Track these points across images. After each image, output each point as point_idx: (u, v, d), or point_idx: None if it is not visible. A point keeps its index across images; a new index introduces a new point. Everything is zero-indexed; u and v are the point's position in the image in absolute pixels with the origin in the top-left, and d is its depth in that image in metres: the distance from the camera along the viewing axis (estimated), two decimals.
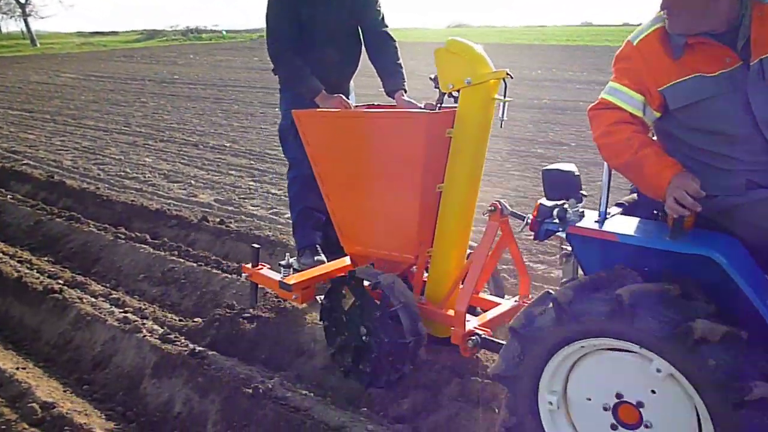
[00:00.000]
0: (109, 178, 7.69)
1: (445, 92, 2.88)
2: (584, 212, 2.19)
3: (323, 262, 3.73)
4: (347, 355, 3.03)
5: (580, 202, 2.21)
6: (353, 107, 3.56)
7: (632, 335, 1.85)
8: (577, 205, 2.19)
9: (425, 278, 3.09)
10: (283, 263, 3.44)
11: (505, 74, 2.76)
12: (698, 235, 1.93)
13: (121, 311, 3.87)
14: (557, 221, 2.19)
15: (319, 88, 3.55)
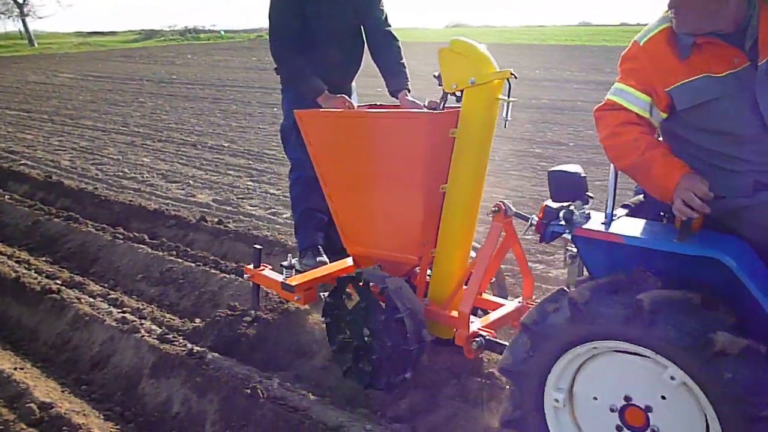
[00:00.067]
0: (107, 178, 7.68)
1: (448, 92, 2.85)
2: (590, 214, 2.18)
3: (325, 263, 3.71)
4: (348, 353, 3.02)
5: (586, 203, 2.20)
6: (355, 107, 3.53)
7: (649, 341, 1.84)
8: (583, 206, 2.18)
9: (428, 279, 3.07)
10: (285, 264, 3.43)
11: (509, 74, 2.74)
12: (706, 236, 1.92)
13: (119, 311, 3.87)
14: (563, 223, 2.16)
15: (321, 87, 3.53)
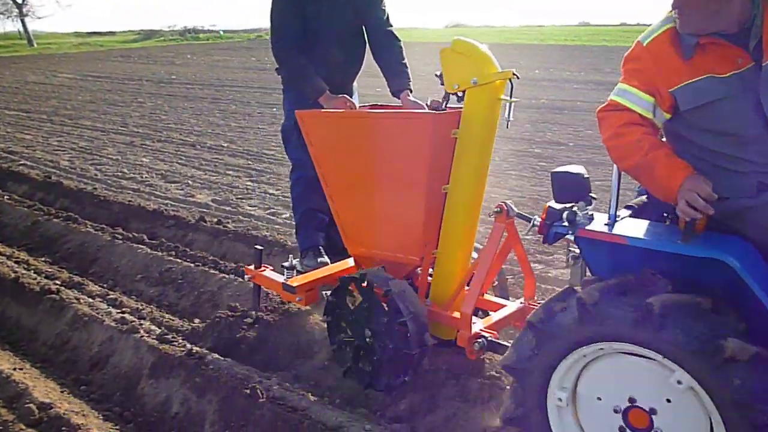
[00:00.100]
0: (106, 178, 7.68)
1: (450, 92, 2.84)
2: (593, 215, 2.17)
3: (326, 263, 3.71)
4: (348, 352, 3.01)
5: (589, 204, 2.19)
6: (357, 107, 3.52)
7: (658, 345, 1.83)
8: (586, 207, 2.17)
9: (430, 280, 3.06)
10: (286, 265, 3.42)
11: (511, 74, 2.72)
12: (710, 238, 1.90)
13: (118, 311, 3.87)
14: (567, 224, 2.16)
15: (323, 88, 3.52)
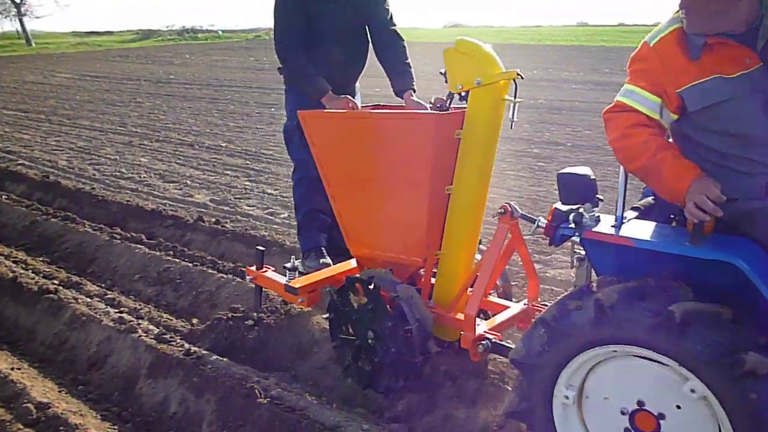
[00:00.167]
0: (104, 178, 7.68)
1: (453, 92, 2.82)
2: (600, 217, 2.15)
3: (329, 264, 3.70)
4: (349, 351, 2.99)
5: (595, 206, 2.17)
6: (359, 108, 3.51)
7: (675, 353, 1.80)
8: (592, 209, 2.16)
9: (433, 281, 3.04)
10: (288, 266, 3.40)
11: (515, 74, 2.71)
12: (718, 240, 1.88)
13: (116, 311, 3.86)
14: (573, 226, 2.14)
15: (326, 88, 3.51)
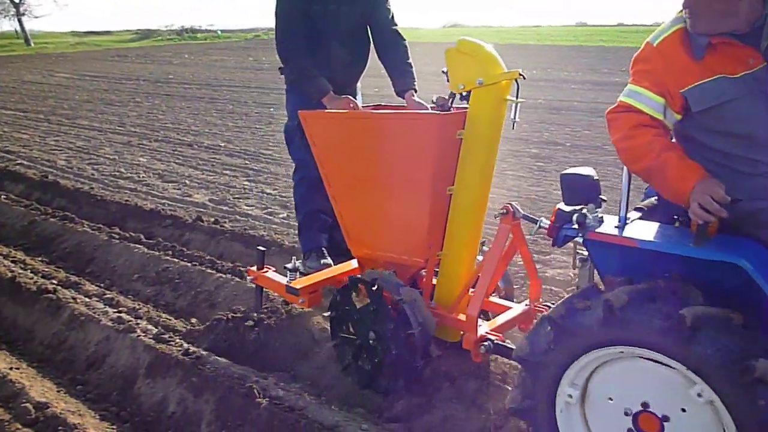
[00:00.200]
0: (103, 178, 7.67)
1: (455, 93, 2.81)
2: (603, 217, 2.14)
3: (330, 265, 3.69)
4: (349, 350, 2.98)
5: (599, 207, 2.17)
6: (360, 108, 3.49)
7: (684, 357, 1.79)
8: (596, 210, 2.15)
9: (434, 282, 3.03)
10: (289, 266, 3.39)
11: (517, 74, 2.70)
12: (722, 240, 1.88)
13: (115, 311, 3.86)
14: (576, 226, 2.14)
15: (327, 88, 3.49)
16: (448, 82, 2.83)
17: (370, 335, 2.87)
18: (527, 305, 3.02)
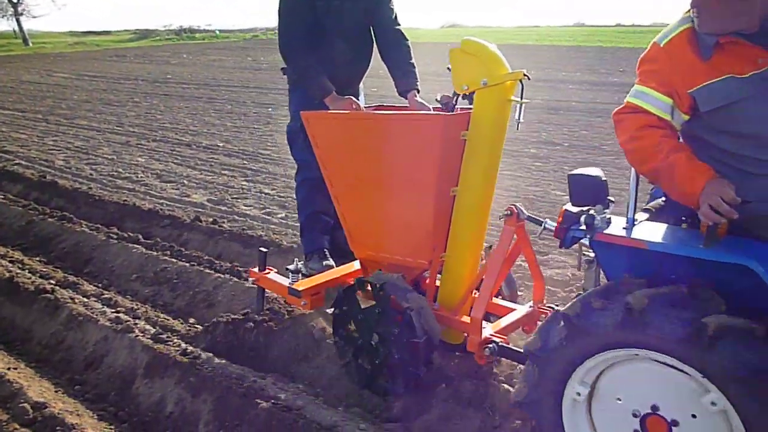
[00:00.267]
0: (101, 177, 7.66)
1: (459, 93, 2.79)
2: (611, 219, 2.13)
3: (332, 266, 3.67)
4: (350, 348, 2.97)
5: (607, 208, 2.15)
6: (363, 109, 3.47)
7: (702, 365, 1.76)
8: (603, 211, 2.13)
9: (438, 283, 3.01)
10: (291, 268, 3.37)
11: (521, 75, 2.68)
12: (732, 242, 1.86)
13: (113, 311, 3.86)
14: (584, 228, 2.12)
15: (329, 88, 3.47)
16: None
17: (373, 337, 2.85)
18: (531, 307, 3.01)
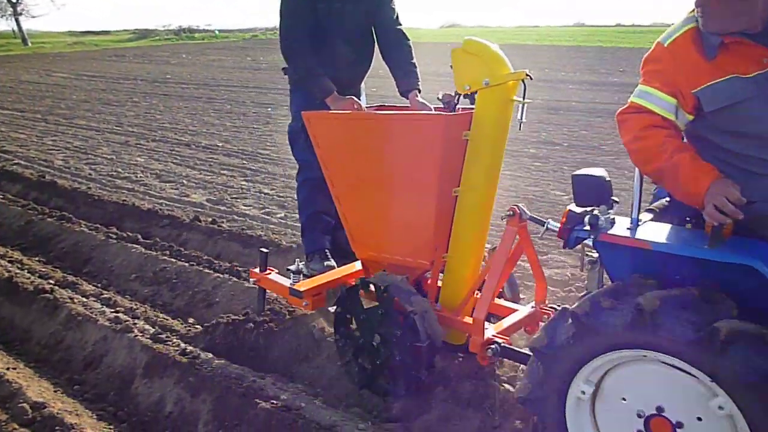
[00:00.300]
0: (100, 177, 7.66)
1: (461, 93, 2.78)
2: (615, 219, 2.12)
3: (333, 267, 3.66)
4: (351, 347, 2.96)
5: (611, 208, 2.14)
6: (364, 109, 3.45)
7: (712, 369, 1.75)
8: (608, 211, 2.12)
9: (439, 284, 3.00)
10: (292, 268, 3.36)
11: (524, 75, 2.67)
12: (737, 243, 1.85)
13: (112, 311, 3.86)
14: (588, 228, 2.10)
15: (331, 88, 3.46)
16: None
17: (374, 337, 2.84)
18: (533, 307, 3.00)
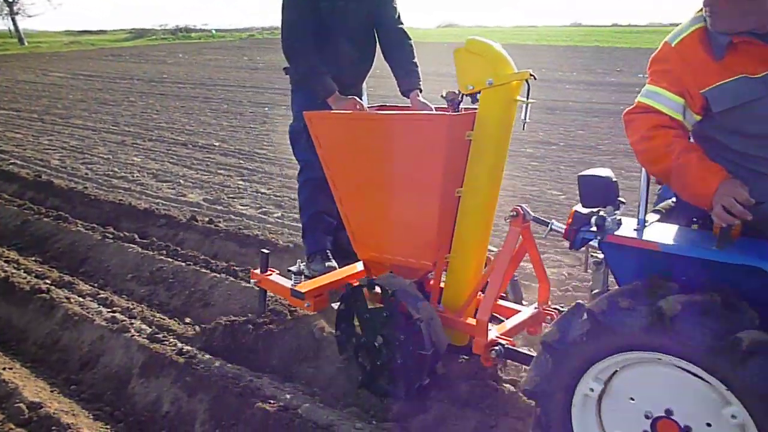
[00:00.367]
0: (97, 177, 7.65)
1: (464, 93, 2.77)
2: (621, 220, 2.10)
3: (334, 268, 3.64)
4: (351, 344, 2.94)
5: (617, 209, 2.12)
6: (366, 109, 3.44)
7: (731, 379, 1.72)
8: (614, 212, 2.10)
9: (442, 285, 2.99)
10: (293, 269, 3.35)
11: (528, 75, 2.65)
12: (746, 244, 1.83)
13: (109, 311, 3.85)
14: (594, 229, 2.08)
15: (333, 88, 3.44)
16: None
17: (377, 337, 2.82)
18: (536, 308, 2.99)
